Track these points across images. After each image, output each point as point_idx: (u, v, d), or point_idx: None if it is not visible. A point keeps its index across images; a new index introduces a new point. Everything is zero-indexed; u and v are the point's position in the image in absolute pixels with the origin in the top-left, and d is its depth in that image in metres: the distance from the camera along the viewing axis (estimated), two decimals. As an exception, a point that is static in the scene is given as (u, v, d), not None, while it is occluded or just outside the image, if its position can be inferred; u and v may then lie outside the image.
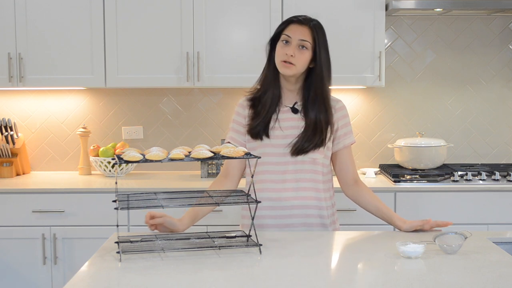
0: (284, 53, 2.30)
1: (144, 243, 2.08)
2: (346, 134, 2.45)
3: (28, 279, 3.47)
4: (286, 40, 2.32)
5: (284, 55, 2.30)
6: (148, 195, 2.12)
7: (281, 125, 2.37)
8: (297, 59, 2.30)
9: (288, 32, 2.33)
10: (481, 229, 3.40)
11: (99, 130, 4.07)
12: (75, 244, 3.46)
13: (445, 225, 2.29)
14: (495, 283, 1.73)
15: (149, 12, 3.64)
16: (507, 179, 3.56)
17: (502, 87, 4.07)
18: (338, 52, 3.63)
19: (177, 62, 3.65)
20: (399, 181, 3.54)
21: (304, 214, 2.36)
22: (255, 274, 1.84)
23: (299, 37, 2.31)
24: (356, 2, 3.64)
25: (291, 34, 2.32)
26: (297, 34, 2.31)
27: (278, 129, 2.37)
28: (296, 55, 2.30)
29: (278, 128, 2.37)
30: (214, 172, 3.80)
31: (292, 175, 2.35)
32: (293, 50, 2.30)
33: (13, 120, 3.99)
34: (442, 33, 4.03)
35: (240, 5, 3.64)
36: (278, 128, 2.37)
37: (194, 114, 4.06)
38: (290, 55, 2.29)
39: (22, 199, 3.45)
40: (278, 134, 2.37)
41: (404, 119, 4.08)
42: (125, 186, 3.59)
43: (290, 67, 2.31)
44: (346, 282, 1.79)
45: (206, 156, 2.00)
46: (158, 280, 1.76)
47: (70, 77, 3.68)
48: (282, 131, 2.36)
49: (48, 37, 3.65)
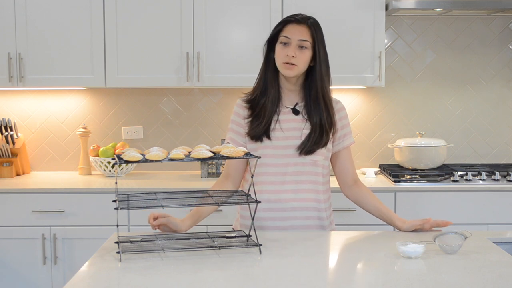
0: (285, 55, 2.30)
1: (144, 243, 2.08)
2: (346, 135, 2.44)
3: (28, 279, 3.47)
4: (286, 41, 2.31)
5: (285, 57, 2.29)
6: (148, 195, 2.12)
7: (282, 127, 2.36)
8: (298, 60, 2.29)
9: (287, 33, 2.32)
10: (481, 229, 3.40)
11: (99, 130, 4.07)
12: (75, 244, 3.46)
13: (445, 224, 2.29)
14: (495, 283, 1.73)
15: (149, 12, 3.65)
16: (507, 179, 3.56)
17: (502, 87, 4.07)
18: (338, 52, 3.64)
19: (177, 62, 3.65)
20: (399, 181, 3.54)
21: (303, 216, 2.36)
22: (255, 274, 1.84)
23: (299, 37, 2.30)
24: (356, 2, 3.64)
25: (289, 35, 2.31)
26: (296, 34, 2.30)
27: (279, 131, 2.36)
28: (297, 56, 2.29)
29: (279, 129, 2.36)
30: (214, 172, 3.80)
31: (292, 176, 2.35)
32: (294, 50, 2.29)
33: (13, 120, 3.99)
34: (442, 33, 4.03)
35: (240, 5, 3.64)
36: (279, 129, 2.36)
37: (194, 114, 4.06)
38: (291, 56, 2.29)
39: (22, 199, 3.45)
40: (279, 136, 2.36)
41: (404, 119, 4.08)
42: (125, 186, 3.59)
43: (292, 68, 2.30)
44: (346, 282, 1.79)
45: (206, 156, 2.00)
46: (158, 280, 1.76)
47: (70, 77, 3.68)
48: (283, 133, 2.36)
49: (48, 37, 3.66)
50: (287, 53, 2.29)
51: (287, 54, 2.29)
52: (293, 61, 2.29)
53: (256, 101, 2.37)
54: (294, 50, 2.29)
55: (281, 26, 2.34)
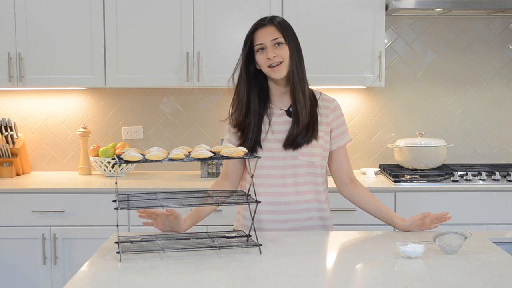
0: (266, 60, 2.30)
1: (144, 243, 2.08)
2: (341, 134, 2.43)
3: (28, 279, 3.47)
4: (261, 47, 2.31)
5: (267, 61, 2.30)
6: (148, 195, 2.13)
7: (274, 130, 2.35)
8: (280, 56, 2.29)
9: (258, 40, 2.31)
10: (481, 229, 3.40)
11: (99, 130, 4.07)
12: (75, 244, 3.46)
13: (443, 215, 2.31)
14: (495, 283, 1.73)
15: (149, 12, 3.64)
16: (507, 179, 3.56)
17: (502, 87, 4.07)
18: (338, 52, 3.64)
19: (177, 62, 3.65)
20: (399, 181, 3.54)
21: (304, 218, 2.36)
22: (255, 274, 1.84)
23: (270, 38, 2.30)
24: (356, 2, 3.64)
25: (261, 40, 2.31)
26: (267, 36, 2.30)
27: (270, 135, 2.35)
28: (277, 53, 2.29)
29: (271, 134, 2.35)
30: (214, 172, 3.80)
31: (292, 179, 2.34)
32: (272, 51, 2.29)
33: (13, 120, 3.99)
34: (442, 33, 4.03)
35: (240, 5, 3.64)
36: (271, 134, 2.35)
37: (194, 114, 4.06)
38: (272, 57, 2.28)
39: (22, 199, 3.45)
40: (271, 140, 2.35)
41: (404, 119, 4.08)
42: (125, 186, 3.59)
43: (279, 67, 2.30)
44: (346, 282, 1.79)
45: (206, 156, 2.01)
46: (158, 280, 1.76)
47: (70, 77, 3.68)
48: (274, 136, 2.34)
49: (48, 37, 3.66)
50: (267, 56, 2.29)
51: (268, 58, 2.29)
52: (276, 60, 2.29)
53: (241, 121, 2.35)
54: (272, 51, 2.29)
55: (251, 36, 2.33)
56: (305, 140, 2.32)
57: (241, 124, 2.36)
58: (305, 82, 2.36)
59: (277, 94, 2.39)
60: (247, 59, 2.35)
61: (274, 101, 2.39)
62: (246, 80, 2.36)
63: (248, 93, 2.36)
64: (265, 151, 2.35)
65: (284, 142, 2.33)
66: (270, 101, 2.39)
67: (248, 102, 2.36)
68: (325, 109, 2.40)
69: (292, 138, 2.32)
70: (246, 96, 2.36)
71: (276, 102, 2.39)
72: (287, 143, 2.33)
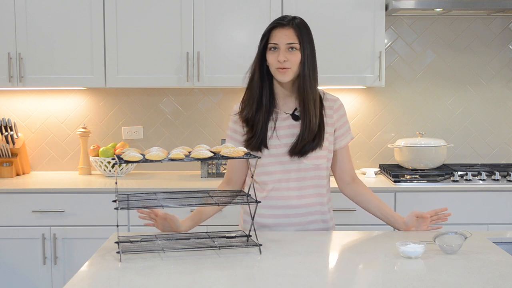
0: (276, 61, 2.29)
1: (144, 243, 2.08)
2: (344, 133, 2.43)
3: (28, 279, 3.47)
4: (274, 47, 2.30)
5: (277, 63, 2.28)
6: (148, 195, 2.13)
7: (278, 134, 2.34)
8: (290, 62, 2.28)
9: (274, 39, 2.30)
10: (481, 229, 3.41)
11: (99, 130, 4.07)
12: (75, 244, 3.46)
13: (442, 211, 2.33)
14: (495, 283, 1.73)
15: (149, 12, 3.64)
16: (507, 179, 3.56)
17: (502, 87, 4.07)
18: (338, 52, 3.65)
19: (177, 62, 3.65)
20: (399, 181, 3.54)
21: (306, 221, 2.36)
22: (255, 274, 1.84)
23: (286, 41, 2.28)
24: (356, 2, 3.64)
25: (277, 41, 2.29)
26: (283, 38, 2.29)
27: (275, 138, 2.35)
28: (288, 58, 2.28)
29: (276, 137, 2.34)
30: (214, 172, 3.80)
31: (296, 182, 2.34)
32: (284, 55, 2.27)
33: (13, 120, 3.99)
34: (442, 33, 4.03)
35: (240, 5, 3.64)
36: (276, 137, 2.34)
37: (194, 114, 4.06)
38: (282, 60, 2.27)
39: (22, 199, 3.45)
40: (276, 144, 2.34)
41: (404, 119, 4.08)
42: (125, 186, 3.59)
43: (286, 72, 2.29)
44: (346, 282, 1.79)
45: (206, 156, 2.01)
46: (158, 280, 1.76)
47: (70, 77, 3.68)
48: (279, 140, 2.33)
49: (48, 37, 3.66)
50: (278, 58, 2.28)
51: (278, 60, 2.28)
52: (285, 65, 2.28)
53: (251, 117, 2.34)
54: (284, 54, 2.28)
55: (268, 33, 2.33)
56: (311, 148, 2.32)
57: (250, 120, 2.35)
58: (316, 90, 2.34)
59: (282, 96, 2.38)
60: (263, 55, 2.34)
61: (279, 104, 2.38)
62: (259, 76, 2.34)
63: (261, 88, 2.34)
64: (270, 157, 2.34)
65: (290, 150, 2.32)
66: (275, 104, 2.37)
67: (260, 98, 2.34)
68: (329, 110, 2.39)
69: (299, 148, 2.31)
70: (258, 91, 2.34)
71: (281, 104, 2.38)
72: (293, 151, 2.32)
